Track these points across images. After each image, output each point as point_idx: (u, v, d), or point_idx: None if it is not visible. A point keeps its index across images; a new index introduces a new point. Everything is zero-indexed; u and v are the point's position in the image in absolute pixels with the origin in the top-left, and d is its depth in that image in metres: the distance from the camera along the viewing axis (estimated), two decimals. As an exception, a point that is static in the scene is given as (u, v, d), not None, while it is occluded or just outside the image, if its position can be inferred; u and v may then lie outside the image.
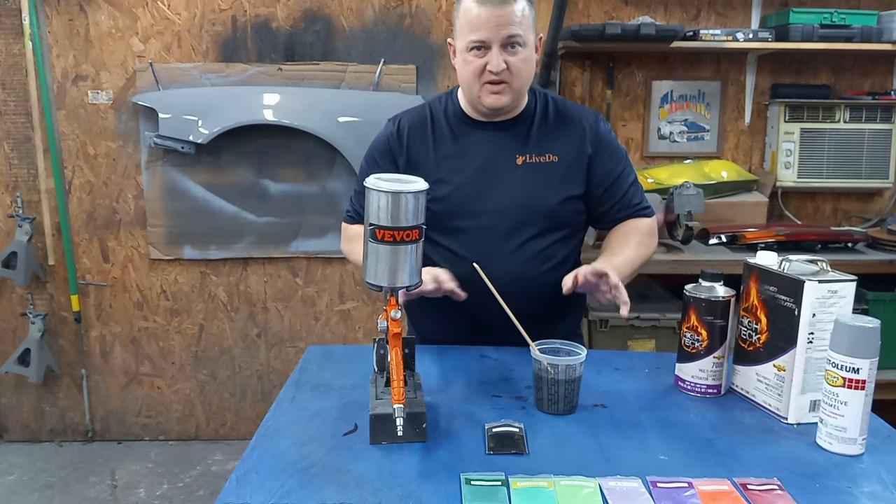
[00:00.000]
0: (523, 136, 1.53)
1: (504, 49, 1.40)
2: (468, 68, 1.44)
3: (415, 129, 1.56)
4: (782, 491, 0.96)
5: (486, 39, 1.40)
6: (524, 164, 1.52)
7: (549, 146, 1.53)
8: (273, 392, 3.11)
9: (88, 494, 2.71)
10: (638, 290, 2.83)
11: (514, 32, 1.39)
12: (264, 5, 2.83)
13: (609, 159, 1.55)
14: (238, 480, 0.98)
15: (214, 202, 2.95)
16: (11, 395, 3.10)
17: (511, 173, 1.51)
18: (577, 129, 1.54)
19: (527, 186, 1.51)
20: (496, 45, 1.40)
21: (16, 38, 2.79)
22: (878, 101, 2.80)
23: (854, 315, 1.06)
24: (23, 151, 2.89)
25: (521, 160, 1.52)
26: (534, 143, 1.53)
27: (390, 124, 1.59)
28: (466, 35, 1.41)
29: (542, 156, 1.52)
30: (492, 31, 1.39)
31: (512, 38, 1.40)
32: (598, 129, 1.55)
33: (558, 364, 1.17)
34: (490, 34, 1.39)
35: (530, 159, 1.52)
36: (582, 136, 1.53)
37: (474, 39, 1.40)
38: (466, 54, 1.43)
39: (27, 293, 3.01)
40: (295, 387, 1.32)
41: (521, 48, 1.42)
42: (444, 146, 1.54)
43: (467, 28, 1.41)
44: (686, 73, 2.94)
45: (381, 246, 1.06)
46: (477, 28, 1.39)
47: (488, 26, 1.38)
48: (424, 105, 1.61)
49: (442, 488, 0.96)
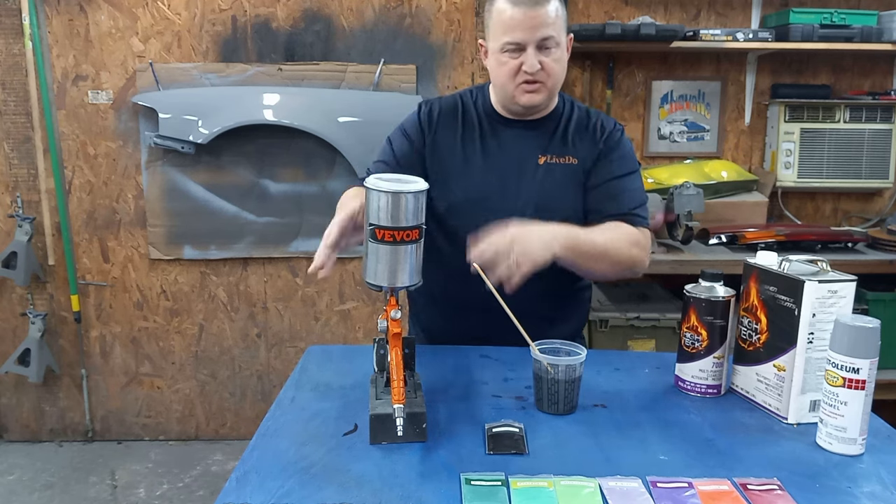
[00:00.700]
0: (548, 137, 1.54)
1: (538, 50, 1.41)
2: (503, 69, 1.44)
3: (445, 115, 1.56)
4: (782, 491, 0.96)
5: (522, 41, 1.40)
6: (545, 164, 1.52)
7: (570, 148, 1.53)
8: (273, 392, 3.11)
9: (88, 494, 2.71)
10: (638, 290, 2.83)
11: (549, 34, 1.40)
12: (264, 5, 2.83)
13: (615, 162, 1.53)
14: (238, 480, 0.98)
15: (214, 202, 2.95)
16: (11, 395, 3.10)
17: (532, 173, 1.52)
18: (595, 132, 1.54)
19: (546, 187, 1.51)
20: (531, 47, 1.40)
21: (16, 38, 2.79)
22: (878, 101, 2.81)
23: (854, 315, 1.06)
24: (23, 151, 2.89)
25: (542, 160, 1.52)
26: (557, 144, 1.53)
27: (423, 106, 1.59)
28: (500, 36, 1.41)
29: (562, 157, 1.52)
30: (527, 32, 1.39)
31: (546, 39, 1.40)
32: (613, 134, 1.54)
33: (558, 364, 1.17)
34: (525, 35, 1.39)
35: (551, 160, 1.52)
36: (599, 138, 1.53)
37: (509, 41, 1.40)
38: (500, 55, 1.43)
39: (27, 293, 3.01)
40: (295, 387, 1.32)
41: (554, 49, 1.42)
42: (472, 140, 1.55)
43: (501, 29, 1.41)
44: (686, 73, 2.94)
45: (381, 246, 1.06)
46: (511, 29, 1.39)
47: (523, 27, 1.38)
48: (456, 95, 1.61)
49: (442, 488, 0.96)
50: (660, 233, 2.60)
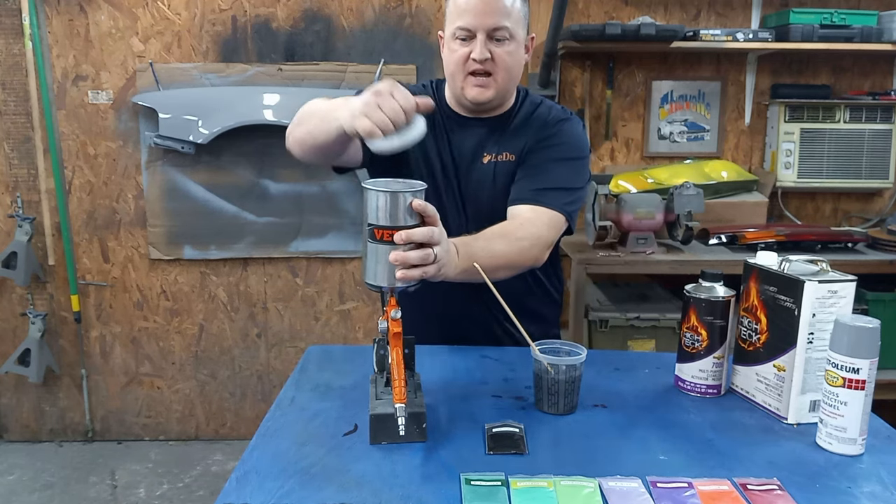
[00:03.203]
0: (497, 134, 1.49)
1: (490, 39, 1.37)
2: (452, 57, 1.40)
3: None
4: (782, 491, 0.96)
5: (472, 27, 1.36)
6: (489, 164, 1.47)
7: (512, 145, 1.47)
8: (273, 392, 3.11)
9: (88, 494, 2.71)
10: (638, 290, 2.84)
11: (501, 24, 1.36)
12: (264, 5, 2.83)
13: (549, 149, 1.43)
14: (238, 480, 0.98)
15: (214, 202, 2.95)
16: (11, 395, 3.10)
17: (476, 173, 1.47)
18: (536, 123, 1.47)
19: (484, 187, 1.47)
20: (481, 34, 1.36)
21: (16, 38, 2.79)
22: (878, 101, 2.81)
23: (854, 315, 1.06)
24: (23, 151, 2.89)
25: (487, 159, 1.48)
26: (504, 141, 1.48)
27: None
28: (454, 21, 1.38)
29: (501, 154, 1.47)
30: (478, 18, 1.35)
31: (498, 28, 1.36)
32: (555, 124, 1.46)
33: (558, 364, 1.17)
34: (476, 21, 1.35)
35: (494, 158, 1.47)
36: (536, 129, 1.46)
37: (460, 26, 1.37)
38: (452, 42, 1.39)
39: (27, 293, 3.01)
40: (295, 387, 1.32)
41: (508, 41, 1.38)
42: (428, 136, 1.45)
43: (455, 14, 1.38)
44: (686, 74, 2.94)
45: (381, 246, 1.05)
46: (463, 14, 1.36)
47: (475, 13, 1.35)
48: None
49: (442, 488, 0.96)
50: (660, 233, 2.60)
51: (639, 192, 2.63)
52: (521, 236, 1.33)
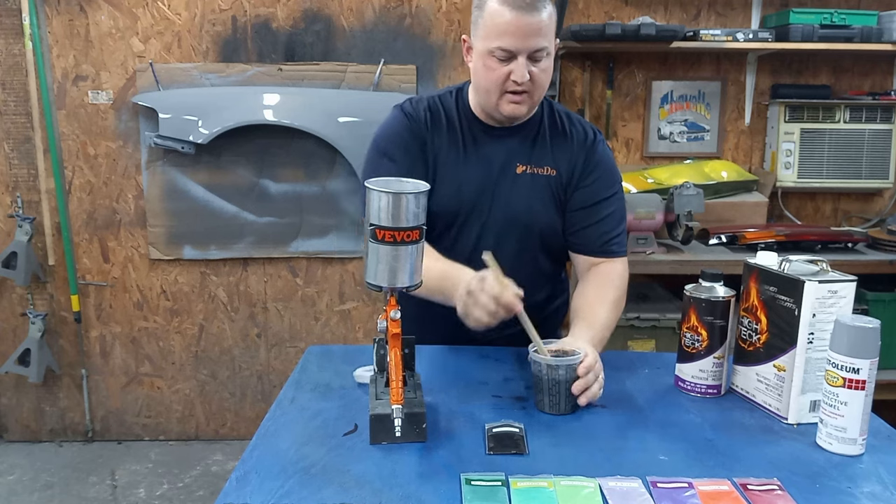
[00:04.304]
0: (528, 144, 1.49)
1: (529, 60, 1.35)
2: (490, 75, 1.37)
3: (433, 119, 1.49)
4: (782, 491, 0.96)
5: (514, 49, 1.33)
6: (523, 174, 1.48)
7: (549, 158, 1.49)
8: (273, 392, 3.11)
9: (88, 494, 2.71)
10: (638, 290, 2.83)
11: (542, 45, 1.34)
12: (264, 5, 2.83)
13: (597, 182, 1.49)
14: (238, 480, 0.98)
15: (214, 202, 2.95)
16: (11, 395, 3.10)
17: (510, 183, 1.48)
18: (575, 142, 1.49)
19: (523, 197, 1.47)
20: (522, 56, 1.34)
21: (16, 38, 2.79)
22: (878, 101, 2.81)
23: (854, 315, 1.06)
24: (23, 151, 2.89)
25: (521, 169, 1.48)
26: (537, 153, 1.49)
27: (408, 107, 1.51)
28: (492, 40, 1.34)
29: (541, 167, 1.48)
30: (520, 40, 1.32)
31: (539, 50, 1.34)
32: (595, 146, 1.50)
33: (559, 364, 1.17)
34: (518, 44, 1.33)
35: (530, 170, 1.48)
36: (579, 150, 1.49)
37: (501, 47, 1.33)
38: (488, 59, 1.36)
39: (27, 293, 3.01)
40: (295, 387, 1.32)
41: (545, 59, 1.37)
42: (455, 145, 1.49)
43: (493, 33, 1.33)
44: (686, 74, 2.94)
45: (382, 246, 1.06)
46: (504, 35, 1.32)
47: (518, 35, 1.32)
48: (434, 96, 1.54)
49: (442, 488, 0.96)
50: (660, 233, 2.60)
51: (639, 192, 2.63)
52: (619, 297, 1.50)
